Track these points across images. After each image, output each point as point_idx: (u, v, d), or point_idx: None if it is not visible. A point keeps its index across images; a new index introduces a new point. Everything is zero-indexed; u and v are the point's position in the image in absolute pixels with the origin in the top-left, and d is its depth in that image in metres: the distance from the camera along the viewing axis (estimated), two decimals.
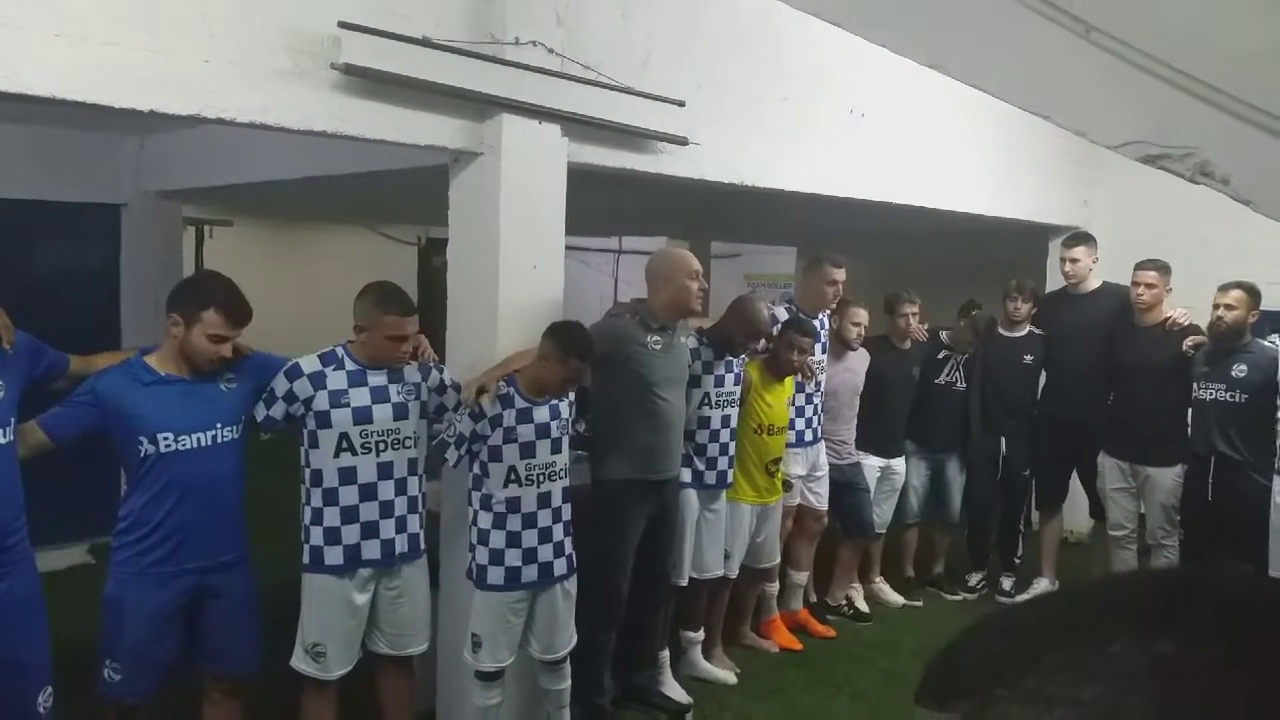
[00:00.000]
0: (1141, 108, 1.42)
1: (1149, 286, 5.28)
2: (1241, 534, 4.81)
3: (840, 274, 4.94)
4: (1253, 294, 4.86)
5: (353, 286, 3.46)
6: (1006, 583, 5.95)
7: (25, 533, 2.95)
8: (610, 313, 4.24)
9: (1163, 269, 5.29)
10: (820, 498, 5.17)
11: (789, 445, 4.80)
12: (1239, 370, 4.87)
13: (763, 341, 4.55)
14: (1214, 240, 5.84)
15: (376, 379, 3.32)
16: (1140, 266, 5.35)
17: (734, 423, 4.40)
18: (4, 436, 2.85)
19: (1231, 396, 4.89)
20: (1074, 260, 5.71)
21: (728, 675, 4.68)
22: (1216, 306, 4.92)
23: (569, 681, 3.73)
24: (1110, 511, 5.50)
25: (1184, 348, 5.12)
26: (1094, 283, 5.75)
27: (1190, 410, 5.17)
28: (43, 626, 2.98)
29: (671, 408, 3.98)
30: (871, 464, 5.48)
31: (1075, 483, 5.95)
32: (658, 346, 3.92)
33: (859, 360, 5.32)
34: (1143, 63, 1.39)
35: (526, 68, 3.53)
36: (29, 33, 2.57)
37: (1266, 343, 4.99)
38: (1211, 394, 4.96)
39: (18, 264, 5.70)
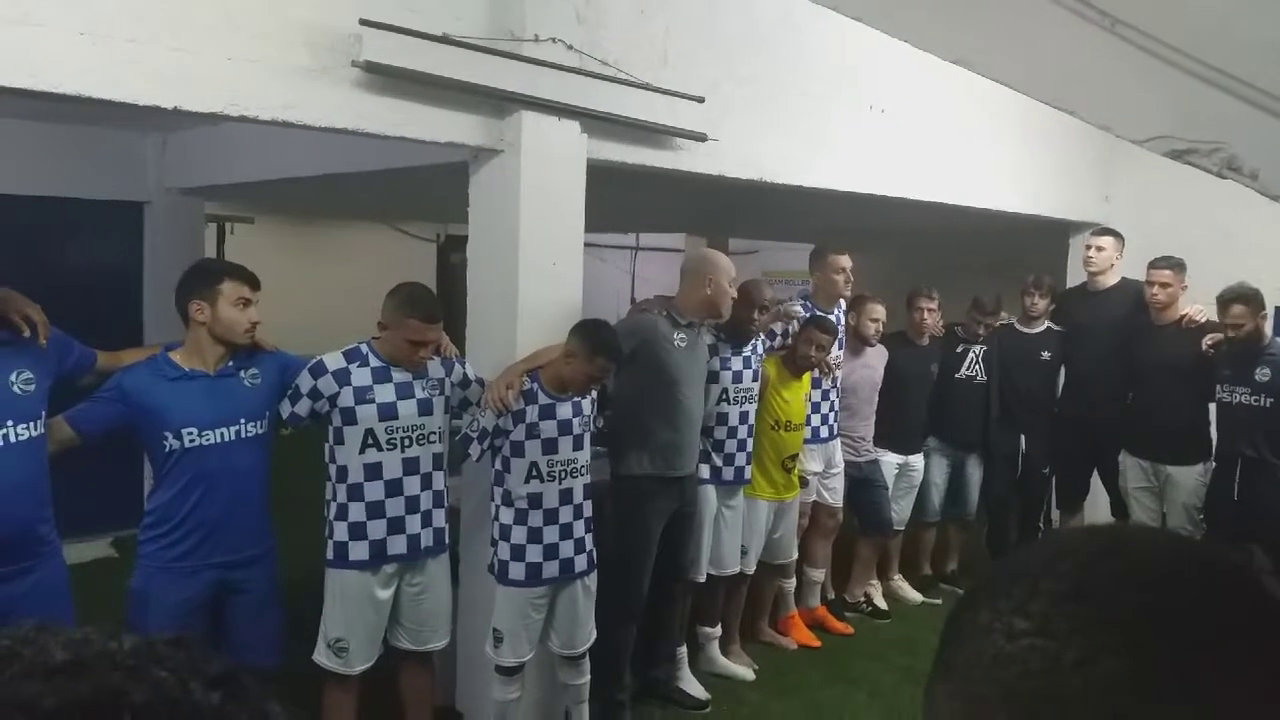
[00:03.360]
0: (1168, 102, 1.41)
1: (1164, 285, 5.22)
2: (1269, 532, 4.77)
3: (846, 260, 4.94)
4: (1254, 301, 4.77)
5: (372, 283, 3.49)
6: None
7: (53, 525, 2.98)
8: (639, 307, 4.24)
9: (1177, 266, 5.23)
10: (835, 494, 5.16)
11: (805, 442, 4.80)
12: (1262, 374, 4.82)
13: (779, 327, 4.54)
14: (1237, 235, 5.79)
15: (401, 375, 3.34)
16: (1154, 265, 5.29)
17: (752, 419, 4.40)
18: (34, 430, 2.88)
19: (1256, 400, 4.83)
20: (1099, 248, 5.66)
21: (745, 672, 4.68)
22: (1224, 326, 4.86)
23: (588, 676, 3.74)
24: (1133, 511, 5.46)
25: (1203, 347, 5.07)
26: (1113, 278, 5.70)
27: (1212, 409, 5.12)
28: (69, 619, 3.01)
29: (692, 405, 4.00)
30: (889, 461, 5.47)
31: (1097, 480, 5.90)
32: (683, 344, 3.94)
33: (877, 356, 5.30)
34: (1169, 56, 1.38)
35: (546, 64, 3.53)
36: (53, 31, 2.59)
37: None
38: (1236, 398, 4.91)
39: (42, 260, 5.75)
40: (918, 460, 5.60)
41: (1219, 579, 0.54)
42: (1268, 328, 4.93)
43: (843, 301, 5.11)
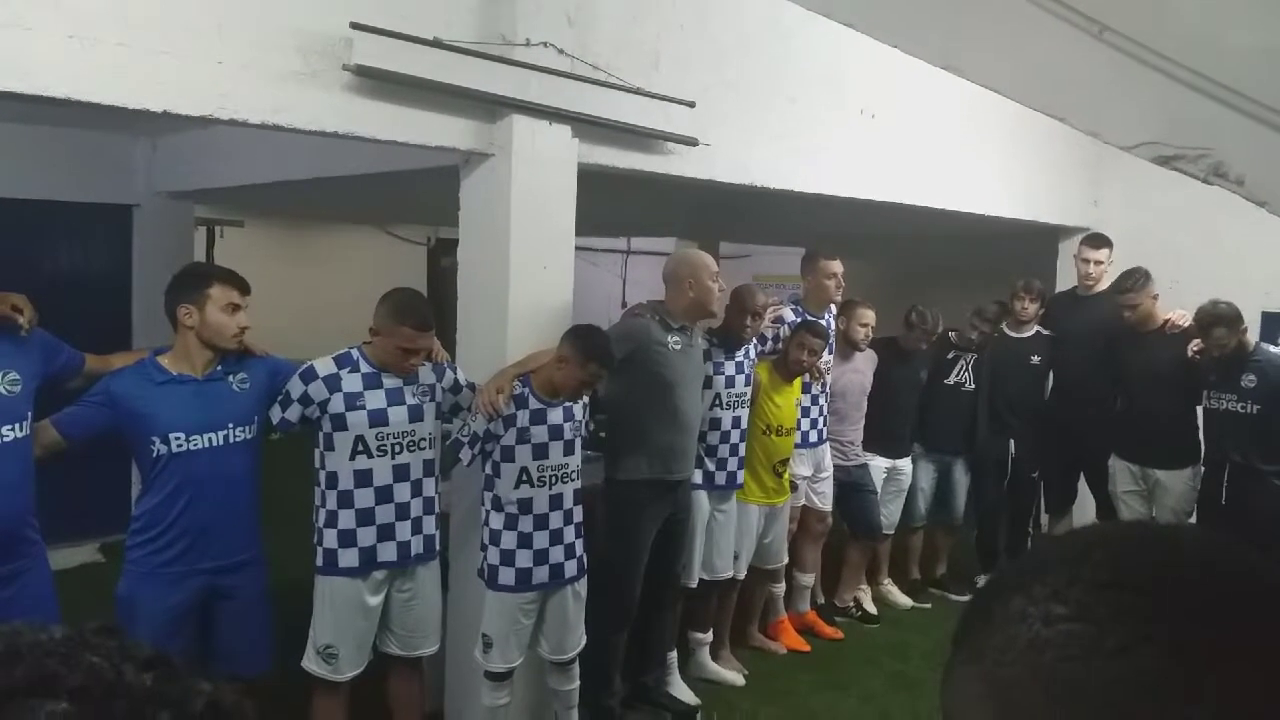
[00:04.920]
0: (1155, 108, 1.42)
1: (1132, 307, 5.23)
2: (1258, 538, 4.78)
3: (837, 265, 4.96)
4: (1233, 320, 4.78)
5: (362, 286, 3.48)
6: None
7: (38, 528, 2.97)
8: (632, 312, 4.24)
9: (1137, 285, 5.21)
10: (824, 499, 5.17)
11: (795, 446, 4.80)
12: (1248, 381, 4.84)
13: (767, 325, 4.53)
14: (1224, 239, 5.82)
15: (391, 381, 3.32)
16: (1117, 289, 5.31)
17: (744, 424, 4.40)
18: (20, 431, 2.87)
19: (1243, 408, 4.85)
20: (1097, 262, 5.69)
21: (735, 676, 4.68)
22: (1209, 346, 4.88)
23: (578, 682, 3.73)
24: (1123, 515, 5.47)
25: (1189, 353, 5.09)
26: (1104, 284, 5.73)
27: (1201, 415, 5.14)
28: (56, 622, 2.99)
29: (690, 408, 3.99)
30: (878, 465, 5.48)
31: (1084, 483, 5.92)
32: (677, 347, 3.93)
33: (866, 361, 5.31)
34: (1156, 63, 1.39)
35: (537, 69, 3.53)
36: (42, 34, 2.58)
37: (1275, 348, 4.96)
38: (1223, 404, 4.93)
39: (30, 264, 5.72)
40: (905, 464, 5.61)
41: (1252, 572, 0.56)
42: (1255, 333, 4.96)
43: (833, 306, 5.12)
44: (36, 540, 2.96)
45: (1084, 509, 6.06)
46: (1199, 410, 5.15)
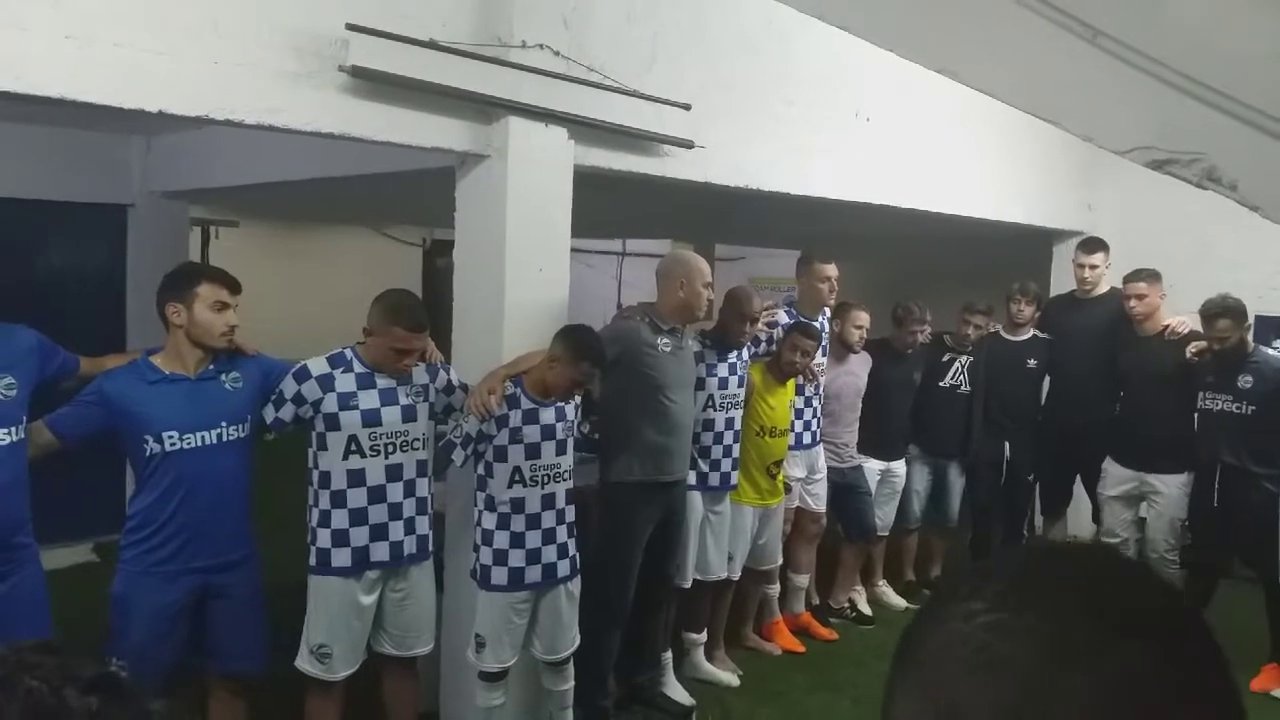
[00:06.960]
0: (1149, 113, 1.42)
1: (1140, 297, 5.26)
2: (1248, 540, 4.81)
3: (831, 269, 4.95)
4: (1239, 314, 4.81)
5: (357, 287, 3.48)
6: None
7: (32, 530, 2.97)
8: (622, 315, 4.24)
9: (1151, 277, 5.27)
10: (818, 500, 5.17)
11: (789, 448, 4.80)
12: (1245, 381, 4.84)
13: (760, 327, 4.53)
14: (1218, 244, 5.85)
15: (385, 381, 3.33)
16: (1128, 279, 5.34)
17: (738, 425, 4.41)
18: (15, 435, 2.87)
19: (1238, 408, 4.86)
20: (1093, 267, 5.69)
21: (730, 677, 4.68)
22: (1210, 339, 4.90)
23: (572, 682, 3.73)
24: (1105, 518, 5.47)
25: (1188, 355, 5.10)
26: (1103, 287, 5.74)
27: (1196, 418, 5.15)
28: (46, 625, 2.99)
29: (681, 409, 3.99)
30: (872, 467, 5.48)
31: (1080, 486, 5.93)
32: (667, 349, 3.94)
33: (861, 363, 5.32)
34: (1150, 68, 1.39)
35: (533, 70, 3.54)
36: (38, 34, 2.58)
37: (1272, 350, 4.97)
38: (1218, 405, 4.94)
39: (24, 263, 5.73)
40: (900, 466, 5.62)
41: (1134, 575, 0.65)
42: (1249, 337, 4.98)
43: (827, 309, 5.12)
44: (29, 544, 2.96)
45: (1080, 511, 6.08)
46: (1195, 415, 5.16)
